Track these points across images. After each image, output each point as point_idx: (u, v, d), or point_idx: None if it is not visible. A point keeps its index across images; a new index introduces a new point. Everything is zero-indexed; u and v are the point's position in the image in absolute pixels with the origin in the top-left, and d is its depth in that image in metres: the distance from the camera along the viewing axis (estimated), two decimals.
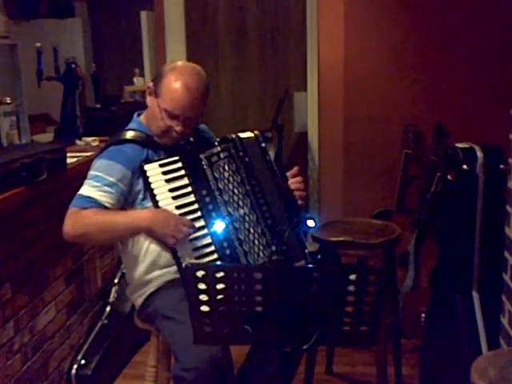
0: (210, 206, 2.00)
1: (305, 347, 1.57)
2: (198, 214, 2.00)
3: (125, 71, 4.26)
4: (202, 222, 2.00)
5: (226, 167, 2.05)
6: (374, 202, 3.72)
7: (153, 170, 2.01)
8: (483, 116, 3.62)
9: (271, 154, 2.17)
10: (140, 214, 2.02)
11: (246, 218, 2.01)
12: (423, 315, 2.87)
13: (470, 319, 2.32)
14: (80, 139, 3.10)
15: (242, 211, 2.01)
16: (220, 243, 1.98)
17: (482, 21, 3.64)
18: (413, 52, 3.78)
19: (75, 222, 1.96)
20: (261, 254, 1.98)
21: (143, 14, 4.08)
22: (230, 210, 2.01)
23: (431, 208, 3.27)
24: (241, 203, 2.02)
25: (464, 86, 3.73)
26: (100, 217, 1.96)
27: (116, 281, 3.14)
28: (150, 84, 2.12)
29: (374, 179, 3.91)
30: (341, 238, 2.54)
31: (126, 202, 2.05)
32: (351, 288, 1.50)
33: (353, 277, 1.50)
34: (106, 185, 1.99)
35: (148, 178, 2.00)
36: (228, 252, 1.97)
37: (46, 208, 2.52)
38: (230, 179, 2.04)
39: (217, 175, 2.03)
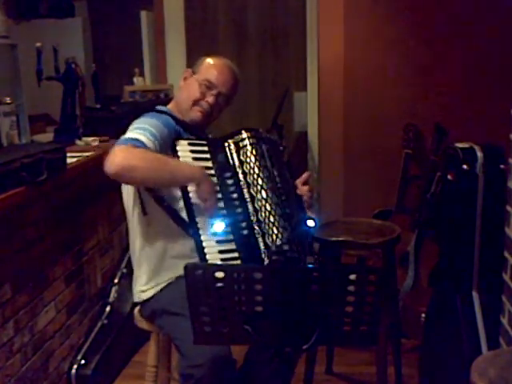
0: (232, 188, 2.02)
1: (305, 347, 1.57)
2: (219, 195, 2.01)
3: (125, 71, 4.26)
4: (221, 204, 2.00)
5: (254, 151, 2.07)
6: (374, 202, 3.72)
7: (183, 146, 2.05)
8: (483, 116, 3.62)
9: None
10: (190, 166, 2.03)
11: (269, 201, 2.00)
12: (423, 315, 2.87)
13: (470, 319, 2.32)
14: (80, 139, 3.09)
15: (264, 193, 2.01)
16: (237, 224, 1.98)
17: (481, 21, 3.64)
18: (413, 52, 3.78)
19: (128, 154, 1.93)
20: (279, 235, 1.96)
21: (143, 14, 4.08)
22: (252, 191, 2.01)
23: (431, 208, 3.26)
24: (264, 186, 2.02)
25: (464, 86, 3.73)
26: (151, 154, 1.98)
27: (116, 281, 3.14)
28: (187, 70, 2.28)
29: (373, 179, 3.91)
30: (341, 238, 2.54)
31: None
32: (351, 288, 1.50)
33: (353, 277, 1.50)
34: (150, 134, 2.02)
35: (178, 151, 2.03)
36: (245, 232, 1.97)
37: (46, 208, 2.52)
38: (257, 163, 2.05)
39: (243, 159, 2.06)
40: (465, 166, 2.32)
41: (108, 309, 3.04)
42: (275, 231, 1.96)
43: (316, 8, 3.95)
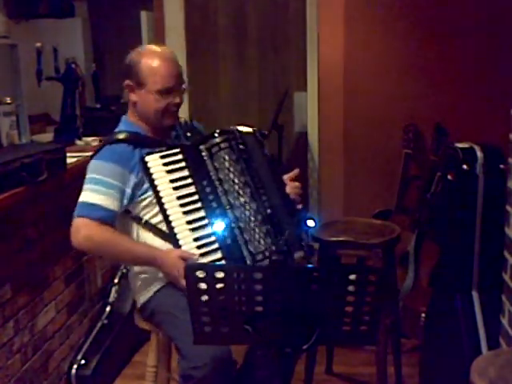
0: (211, 197, 2.02)
1: (305, 347, 1.57)
2: (199, 204, 2.02)
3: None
4: (202, 213, 2.01)
5: (227, 157, 2.06)
6: (374, 202, 3.72)
7: (154, 161, 2.03)
8: (483, 116, 3.62)
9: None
10: (148, 254, 2.02)
11: (247, 207, 2.01)
12: (423, 315, 2.87)
13: (470, 319, 2.32)
14: (80, 139, 3.09)
15: (242, 200, 2.02)
16: (221, 233, 1.99)
17: (481, 21, 3.63)
18: (413, 52, 3.78)
19: (89, 236, 1.98)
20: (261, 241, 1.98)
21: (143, 14, 4.08)
22: (231, 199, 2.01)
23: (431, 208, 3.26)
24: (241, 192, 2.03)
25: (464, 86, 3.73)
26: (112, 241, 2.01)
27: (116, 281, 3.14)
28: (127, 82, 2.13)
29: (373, 179, 3.91)
30: (341, 238, 2.54)
31: (128, 199, 2.06)
32: (351, 288, 1.50)
33: (353, 277, 1.50)
34: (106, 187, 2.01)
35: (149, 168, 2.01)
36: (229, 241, 1.98)
37: (46, 208, 2.52)
38: (231, 169, 2.05)
39: (217, 165, 2.05)
40: (465, 166, 2.32)
41: (108, 309, 3.04)
42: (257, 237, 1.98)
43: (316, 8, 3.95)
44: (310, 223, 2.07)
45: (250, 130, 2.18)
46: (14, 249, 2.31)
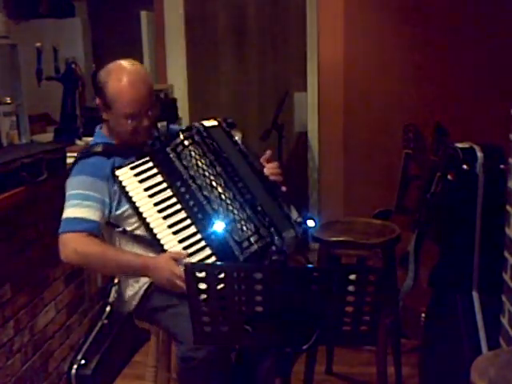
0: (187, 196, 2.02)
1: (305, 347, 1.56)
2: (178, 206, 2.02)
3: None
4: (183, 214, 2.01)
5: (193, 153, 2.06)
6: (374, 202, 3.72)
7: (125, 174, 2.04)
8: (483, 116, 3.62)
9: (237, 138, 2.17)
10: (136, 263, 2.01)
11: (223, 197, 2.01)
12: (423, 315, 2.87)
13: (470, 319, 2.31)
14: (80, 139, 3.09)
15: (216, 192, 2.01)
16: (205, 230, 1.99)
17: (481, 21, 3.64)
18: (413, 52, 3.78)
19: (76, 248, 1.97)
20: (244, 228, 1.97)
21: (143, 14, 4.08)
22: (206, 193, 2.01)
23: (431, 208, 3.26)
24: (214, 184, 2.02)
25: (464, 86, 3.73)
26: (100, 253, 1.99)
27: (116, 281, 3.12)
28: (97, 100, 2.11)
29: (373, 179, 3.91)
30: (341, 238, 2.54)
31: (108, 209, 2.06)
32: (351, 288, 1.50)
33: (353, 277, 1.49)
34: (85, 199, 2.01)
35: (121, 182, 2.03)
36: (214, 236, 1.97)
37: (46, 208, 2.52)
38: (199, 164, 2.05)
39: (186, 163, 2.05)
40: (465, 166, 2.32)
41: (108, 309, 3.03)
42: (239, 226, 1.98)
43: (316, 8, 3.95)
44: (310, 223, 2.06)
45: (214, 122, 2.18)
46: (14, 249, 2.31)
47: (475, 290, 2.34)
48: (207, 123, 2.16)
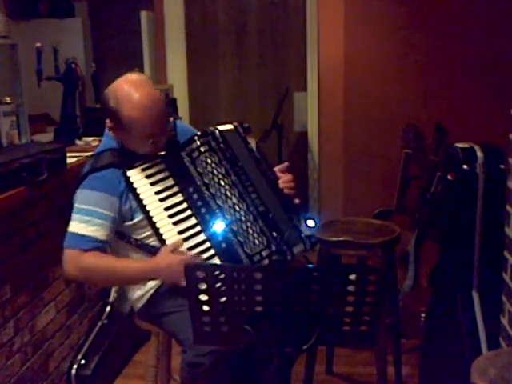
0: (199, 203, 1.99)
1: (305, 347, 1.56)
2: (188, 212, 1.99)
3: (125, 71, 4.26)
4: (193, 221, 1.98)
5: (209, 160, 2.02)
6: (374, 202, 3.72)
7: (136, 176, 1.99)
8: (483, 116, 3.62)
9: (252, 145, 2.15)
10: (143, 268, 1.99)
11: (236, 208, 1.98)
12: (423, 315, 2.87)
13: (470, 319, 2.31)
14: (80, 139, 3.10)
15: (230, 202, 1.99)
16: (215, 238, 1.96)
17: (482, 21, 3.64)
18: (413, 52, 3.78)
19: (77, 264, 1.95)
20: (256, 241, 1.96)
21: (143, 14, 4.08)
22: (219, 202, 1.98)
23: (431, 208, 3.26)
24: (228, 194, 1.99)
25: (464, 86, 3.73)
26: (104, 266, 1.97)
27: None
28: (108, 122, 2.02)
29: (374, 179, 3.91)
30: (341, 238, 2.54)
31: (118, 225, 2.03)
32: (351, 288, 1.50)
33: (353, 277, 1.49)
34: (96, 217, 1.96)
35: (132, 183, 1.98)
36: (224, 245, 1.95)
37: (46, 208, 2.52)
38: (214, 172, 2.01)
39: (200, 170, 2.01)
40: (465, 166, 2.32)
41: (108, 309, 3.04)
42: (251, 238, 1.96)
43: (316, 8, 3.96)
44: (310, 223, 2.06)
45: (230, 127, 2.13)
46: (14, 249, 2.31)
47: (475, 290, 2.34)
48: (222, 127, 2.10)
